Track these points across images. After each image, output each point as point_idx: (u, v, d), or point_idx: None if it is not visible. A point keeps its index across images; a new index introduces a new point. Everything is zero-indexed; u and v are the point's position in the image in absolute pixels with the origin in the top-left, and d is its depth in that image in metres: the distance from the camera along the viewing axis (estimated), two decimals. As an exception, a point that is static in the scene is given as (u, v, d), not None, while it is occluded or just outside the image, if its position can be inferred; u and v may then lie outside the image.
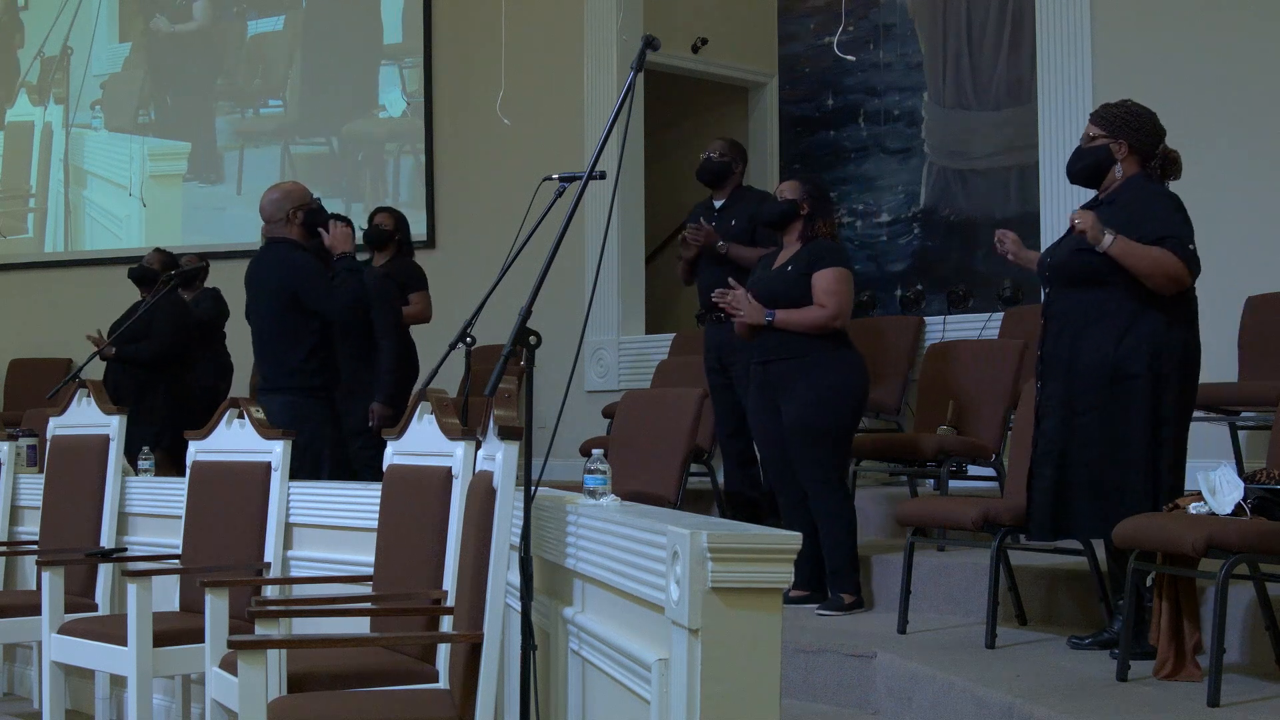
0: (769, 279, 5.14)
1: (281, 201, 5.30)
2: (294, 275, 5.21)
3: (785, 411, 5.03)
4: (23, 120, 10.77)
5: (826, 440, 5.00)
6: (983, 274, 8.54)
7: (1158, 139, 4.15)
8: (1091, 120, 4.23)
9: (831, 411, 4.99)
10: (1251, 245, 5.66)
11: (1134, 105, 4.19)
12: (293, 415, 5.08)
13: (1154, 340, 3.99)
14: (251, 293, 5.36)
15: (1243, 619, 4.00)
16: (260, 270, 5.32)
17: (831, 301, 4.97)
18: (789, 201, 5.13)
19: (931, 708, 3.95)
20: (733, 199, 6.03)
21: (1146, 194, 4.08)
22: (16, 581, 5.60)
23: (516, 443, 2.99)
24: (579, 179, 3.32)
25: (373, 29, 9.76)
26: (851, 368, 5.06)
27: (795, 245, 5.14)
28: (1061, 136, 6.63)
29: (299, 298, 5.20)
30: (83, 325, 7.88)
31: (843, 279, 5.01)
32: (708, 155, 6.06)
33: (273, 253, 5.30)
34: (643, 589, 2.58)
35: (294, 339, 5.22)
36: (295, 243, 5.28)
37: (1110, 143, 4.14)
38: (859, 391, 5.07)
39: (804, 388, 4.99)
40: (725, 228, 5.94)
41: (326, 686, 3.35)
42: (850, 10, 8.28)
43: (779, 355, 5.04)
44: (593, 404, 7.90)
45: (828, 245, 5.09)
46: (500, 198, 8.44)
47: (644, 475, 5.53)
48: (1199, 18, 6.30)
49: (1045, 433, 4.14)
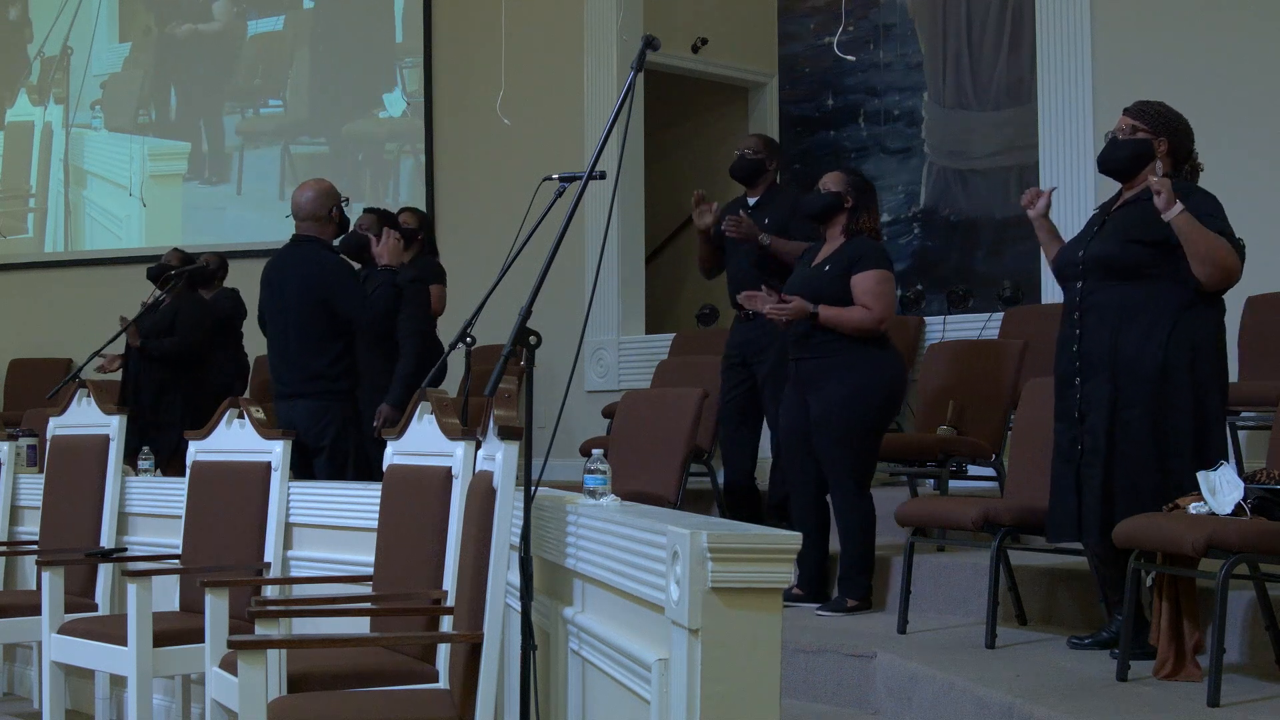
0: (807, 278, 5.07)
1: (322, 199, 5.18)
2: (327, 279, 5.10)
3: (814, 407, 4.98)
4: (23, 120, 10.78)
5: (852, 439, 4.93)
6: (983, 274, 8.54)
7: (1191, 145, 4.12)
8: (1128, 114, 4.15)
9: (859, 409, 4.92)
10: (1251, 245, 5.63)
11: (1171, 107, 4.15)
12: (317, 420, 5.05)
13: (1197, 337, 3.94)
14: (273, 292, 5.24)
15: (1243, 619, 3.99)
16: (287, 269, 5.19)
17: (877, 305, 4.90)
18: (833, 194, 5.04)
19: (931, 708, 3.95)
20: (766, 196, 5.96)
21: (1187, 190, 3.99)
22: (16, 581, 5.60)
23: (516, 443, 2.99)
24: (579, 179, 3.32)
25: (373, 29, 9.76)
26: (885, 366, 4.98)
27: (838, 240, 5.06)
28: (1061, 136, 6.63)
29: (330, 303, 5.10)
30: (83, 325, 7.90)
31: (885, 280, 4.94)
32: (741, 152, 5.99)
33: (302, 252, 5.18)
34: (643, 589, 2.58)
35: (319, 343, 5.12)
36: (325, 243, 5.22)
37: (1153, 138, 4.09)
38: (890, 391, 4.99)
39: (834, 385, 4.93)
40: (760, 225, 5.90)
41: (326, 686, 3.35)
42: (850, 10, 8.28)
43: (815, 353, 4.98)
44: (593, 404, 7.90)
45: (869, 245, 5.01)
46: (500, 198, 8.44)
47: (644, 475, 5.53)
48: (1199, 18, 6.31)
49: (1090, 431, 4.03)
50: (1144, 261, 3.98)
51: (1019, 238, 8.25)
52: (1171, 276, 3.96)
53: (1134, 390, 3.97)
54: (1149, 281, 3.98)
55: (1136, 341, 3.97)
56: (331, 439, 5.08)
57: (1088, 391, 4.06)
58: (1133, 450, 3.97)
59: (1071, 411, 4.10)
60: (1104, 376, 4.02)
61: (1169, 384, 3.93)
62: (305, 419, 5.07)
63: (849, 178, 5.12)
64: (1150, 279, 3.98)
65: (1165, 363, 3.94)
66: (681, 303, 9.81)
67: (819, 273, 5.04)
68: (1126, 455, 3.98)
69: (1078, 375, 4.09)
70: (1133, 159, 4.12)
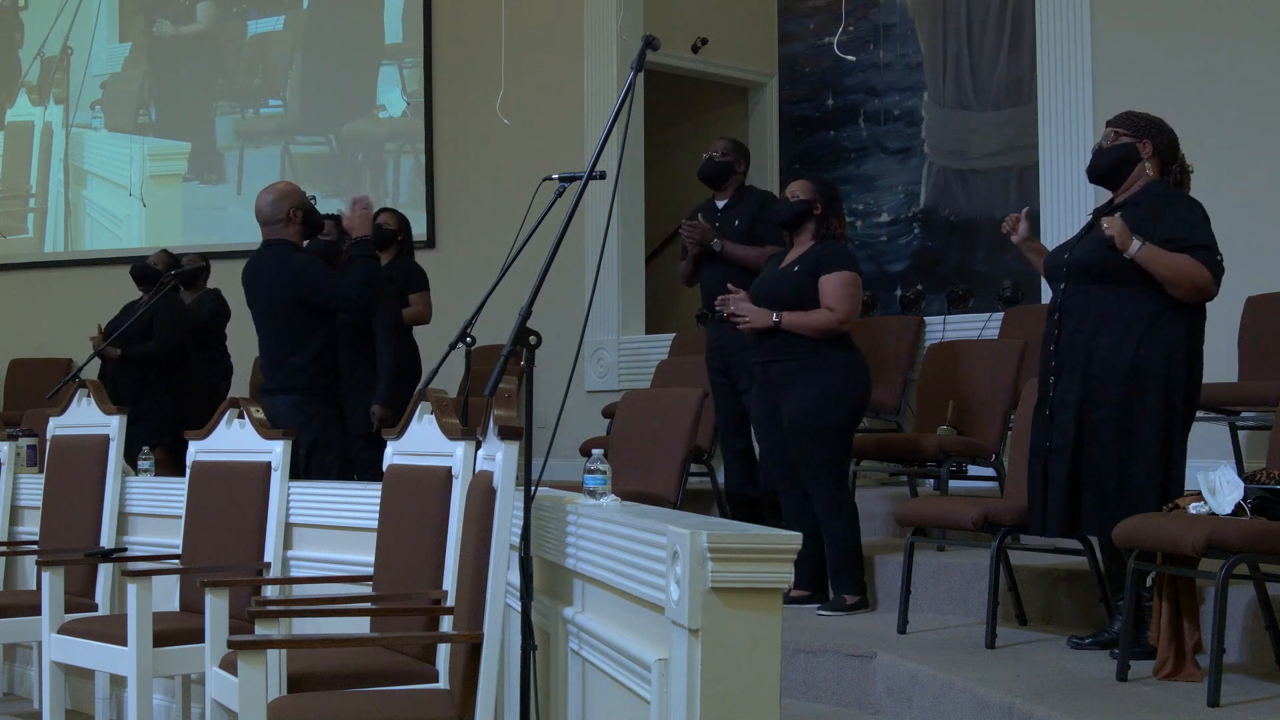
0: (774, 279, 5.14)
1: (280, 202, 5.24)
2: (296, 280, 5.16)
3: (785, 410, 5.04)
4: (23, 120, 10.78)
5: (826, 439, 5.00)
6: (983, 274, 8.54)
7: (1177, 148, 4.18)
8: (1111, 124, 4.23)
9: (831, 410, 5.00)
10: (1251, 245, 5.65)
11: (1154, 115, 4.22)
12: (298, 415, 5.07)
13: (1171, 343, 3.99)
14: (250, 295, 5.32)
15: (1243, 619, 3.99)
16: (259, 273, 5.27)
17: (840, 306, 4.97)
18: (802, 201, 5.12)
19: (931, 708, 3.95)
20: (735, 199, 6.02)
21: (1172, 198, 4.09)
22: (16, 581, 5.60)
23: (516, 443, 2.99)
24: (579, 179, 3.32)
25: (373, 29, 9.76)
26: (852, 368, 5.06)
27: (806, 245, 5.13)
28: (1061, 136, 6.63)
29: (307, 302, 5.16)
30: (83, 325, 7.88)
31: (851, 282, 5.01)
32: (710, 155, 6.05)
33: (271, 255, 5.24)
34: (643, 589, 2.58)
35: (297, 341, 5.18)
36: (294, 245, 5.26)
37: (1135, 142, 4.15)
38: (859, 391, 5.07)
39: (804, 387, 5.00)
40: (728, 228, 5.93)
41: (326, 686, 3.35)
42: (850, 10, 8.28)
43: (781, 356, 5.05)
44: (593, 404, 7.90)
45: (836, 248, 5.09)
46: (500, 198, 8.44)
47: (644, 475, 5.53)
48: (1199, 18, 6.31)
49: (1059, 428, 4.11)
50: (1122, 267, 4.02)
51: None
52: (1148, 282, 4.01)
53: (1104, 392, 4.04)
54: (1127, 286, 4.03)
55: (1110, 345, 4.04)
56: (314, 436, 5.10)
57: (1059, 390, 4.14)
58: (1097, 450, 4.04)
59: (1044, 409, 4.18)
60: (1076, 377, 4.09)
61: (1139, 387, 4.00)
62: (287, 413, 5.09)
63: (816, 185, 5.21)
64: (1128, 284, 4.03)
65: (1137, 367, 4.00)
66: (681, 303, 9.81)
67: (786, 274, 5.11)
68: (1091, 455, 4.06)
69: (1051, 374, 4.17)
70: (1117, 164, 4.19)
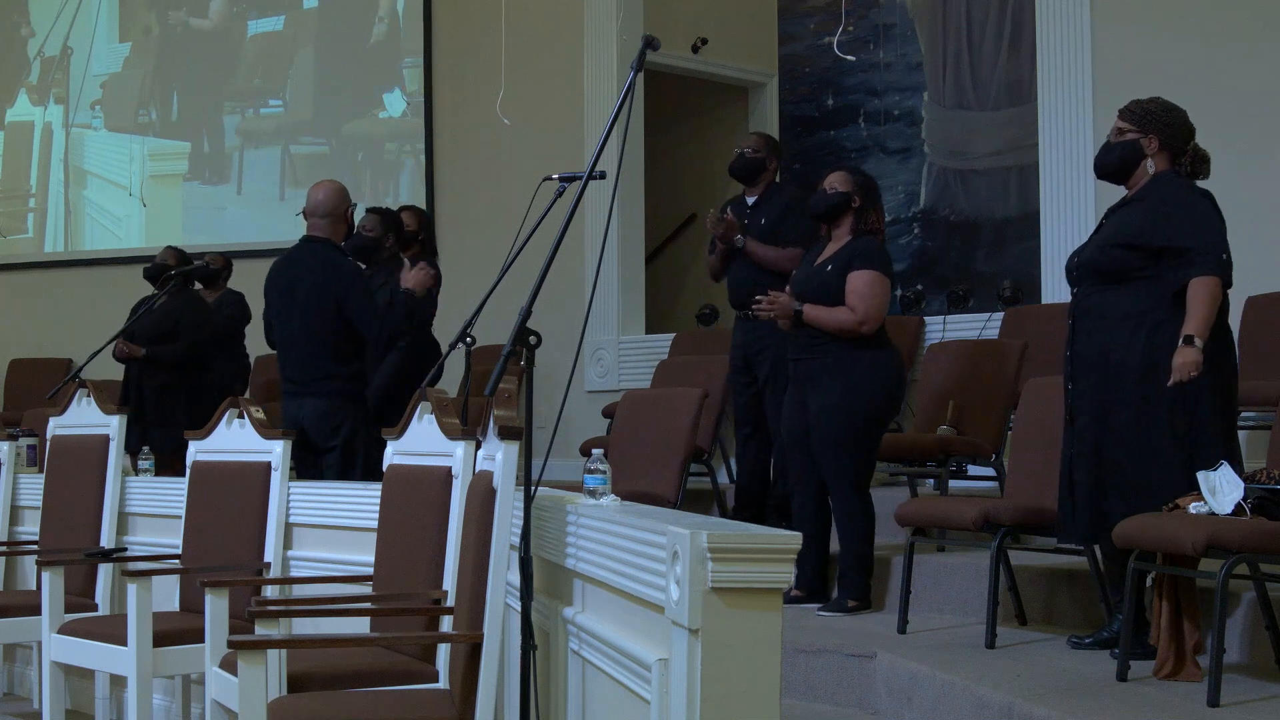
0: (807, 276, 5.07)
1: (339, 198, 5.20)
2: (341, 283, 5.11)
3: (812, 408, 4.98)
4: (23, 120, 10.78)
5: (848, 439, 4.93)
6: (983, 274, 8.54)
7: (1188, 136, 4.11)
8: (1120, 115, 4.17)
9: (855, 410, 4.92)
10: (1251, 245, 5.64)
11: (1165, 101, 4.15)
12: (328, 420, 5.06)
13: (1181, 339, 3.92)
14: (282, 292, 5.24)
15: (1243, 619, 3.99)
16: (298, 270, 5.19)
17: (861, 306, 4.88)
18: (840, 194, 5.01)
19: (931, 708, 3.95)
20: (766, 195, 5.97)
21: (1178, 195, 4.02)
22: (16, 581, 5.60)
23: (516, 443, 2.99)
24: (579, 179, 3.32)
25: (373, 29, 9.76)
26: (882, 367, 4.98)
27: (844, 238, 5.04)
28: (1061, 136, 6.63)
29: (342, 310, 5.11)
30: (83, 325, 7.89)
31: (877, 283, 4.91)
32: (741, 151, 5.99)
33: (312, 252, 5.18)
34: (643, 589, 2.58)
35: (333, 344, 5.13)
36: (337, 245, 5.22)
37: (1140, 137, 4.10)
38: (888, 392, 4.99)
39: (831, 385, 4.93)
40: (757, 225, 5.87)
41: (326, 686, 3.35)
42: (850, 10, 8.28)
43: (810, 353, 4.98)
44: (593, 404, 7.90)
45: (870, 246, 4.99)
46: (500, 198, 8.44)
47: (644, 475, 5.53)
48: (1199, 18, 6.31)
49: (1079, 434, 4.07)
50: (1128, 265, 4.00)
51: (1019, 238, 8.26)
52: (1156, 278, 3.97)
53: (1120, 392, 4.01)
54: (1135, 284, 4.00)
55: (1122, 343, 4.00)
56: (344, 439, 5.09)
57: (1077, 394, 4.12)
58: (1119, 453, 4.00)
59: (1068, 415, 4.15)
60: (1092, 380, 4.06)
61: (1153, 383, 3.94)
62: (314, 417, 5.07)
63: (855, 177, 5.09)
64: (1136, 282, 4.00)
65: (1149, 362, 3.95)
66: (681, 303, 9.82)
67: (820, 271, 5.04)
68: (1114, 458, 4.01)
69: (1069, 380, 4.15)
70: (1122, 162, 4.15)
